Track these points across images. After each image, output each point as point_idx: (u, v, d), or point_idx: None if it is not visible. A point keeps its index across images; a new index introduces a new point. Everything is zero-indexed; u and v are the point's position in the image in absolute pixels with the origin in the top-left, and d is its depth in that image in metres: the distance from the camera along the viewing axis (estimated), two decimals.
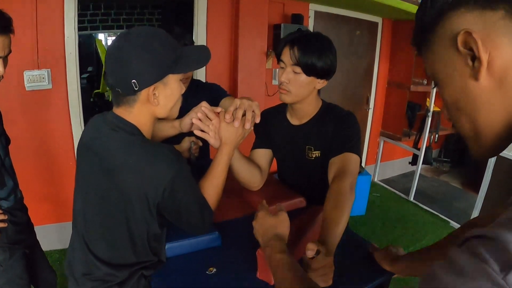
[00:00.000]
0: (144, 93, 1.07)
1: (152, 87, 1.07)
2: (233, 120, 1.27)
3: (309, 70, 1.42)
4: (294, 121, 1.64)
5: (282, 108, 1.70)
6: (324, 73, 1.45)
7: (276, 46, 1.53)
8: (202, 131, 1.30)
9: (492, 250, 0.42)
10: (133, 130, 1.10)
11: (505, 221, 0.44)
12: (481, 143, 0.59)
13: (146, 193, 1.05)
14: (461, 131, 0.62)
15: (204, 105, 1.29)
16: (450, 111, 0.63)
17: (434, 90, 4.25)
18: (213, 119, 1.28)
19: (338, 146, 1.44)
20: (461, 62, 0.56)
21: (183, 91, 1.18)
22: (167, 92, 1.11)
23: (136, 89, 1.04)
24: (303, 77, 1.44)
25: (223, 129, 1.28)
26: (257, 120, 1.32)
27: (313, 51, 1.40)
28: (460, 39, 0.54)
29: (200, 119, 1.29)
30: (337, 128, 1.50)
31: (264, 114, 1.74)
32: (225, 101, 1.92)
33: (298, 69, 1.43)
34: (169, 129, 1.45)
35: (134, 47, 1.03)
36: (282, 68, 1.48)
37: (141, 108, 1.10)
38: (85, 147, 1.17)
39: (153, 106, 1.10)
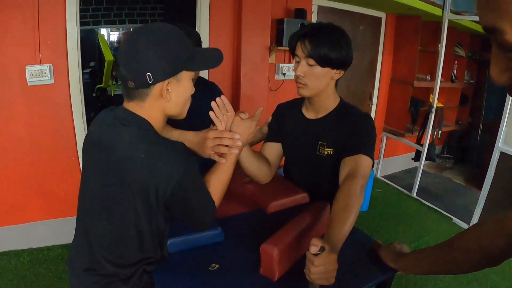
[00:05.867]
0: (157, 87, 1.07)
1: (166, 82, 1.07)
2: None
3: (322, 61, 1.41)
4: (310, 115, 1.62)
5: (297, 103, 1.70)
6: (338, 63, 1.44)
7: (289, 42, 1.53)
8: None
9: None
10: (145, 125, 1.10)
11: None
12: None
13: (155, 188, 1.04)
14: None
15: (223, 97, 1.29)
16: None
17: (438, 86, 4.23)
18: (230, 111, 1.29)
19: (353, 146, 1.42)
20: None
21: (193, 91, 1.18)
22: (180, 89, 1.12)
23: (150, 82, 1.05)
24: (318, 69, 1.43)
25: (235, 124, 1.28)
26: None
27: (324, 42, 1.40)
28: None
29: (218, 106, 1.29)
30: (354, 128, 1.48)
31: (279, 108, 1.74)
32: None
33: (312, 61, 1.42)
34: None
35: (151, 41, 1.04)
36: (298, 62, 1.48)
37: (153, 103, 1.10)
38: (93, 142, 1.17)
39: (165, 102, 1.11)
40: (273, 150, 1.69)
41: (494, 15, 0.41)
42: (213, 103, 1.27)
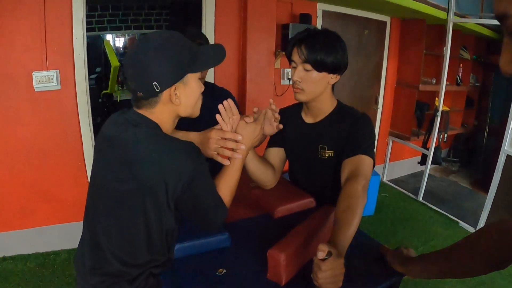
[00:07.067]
0: (165, 93, 1.10)
1: (173, 88, 1.10)
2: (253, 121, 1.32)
3: (319, 66, 1.43)
4: (309, 119, 1.64)
5: (297, 107, 1.71)
6: (334, 68, 1.45)
7: (285, 48, 1.55)
8: None
9: None
10: (154, 127, 1.12)
11: None
12: None
13: (166, 186, 1.05)
14: None
15: (229, 101, 1.31)
16: None
17: (443, 89, 4.22)
18: (236, 115, 1.32)
19: (352, 147, 1.43)
20: None
21: (202, 90, 1.20)
22: (188, 91, 1.14)
23: (157, 90, 1.07)
24: (314, 74, 1.45)
25: (240, 128, 1.30)
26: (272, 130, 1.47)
27: (320, 47, 1.42)
28: None
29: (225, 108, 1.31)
30: (352, 129, 1.49)
31: (279, 113, 1.74)
32: None
33: (309, 66, 1.44)
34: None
35: (152, 50, 1.06)
36: (294, 67, 1.49)
37: (163, 108, 1.13)
38: (105, 141, 1.18)
39: (175, 105, 1.13)
40: (276, 155, 1.70)
41: (506, 2, 0.44)
42: (220, 106, 1.29)
